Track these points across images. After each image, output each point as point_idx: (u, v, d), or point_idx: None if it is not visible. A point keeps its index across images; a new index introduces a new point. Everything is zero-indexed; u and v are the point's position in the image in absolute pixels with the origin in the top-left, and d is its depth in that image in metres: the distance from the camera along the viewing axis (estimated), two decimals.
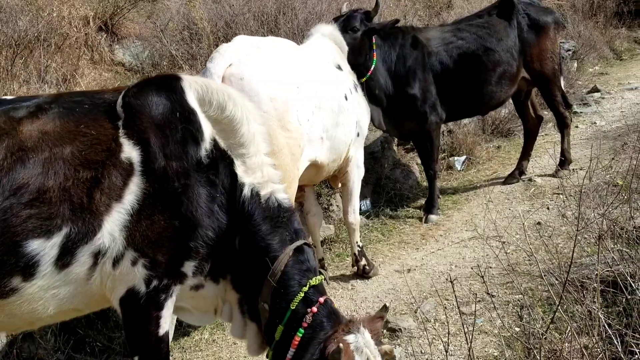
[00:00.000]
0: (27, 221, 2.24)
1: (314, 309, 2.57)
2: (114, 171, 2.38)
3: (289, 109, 3.68)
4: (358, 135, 4.59)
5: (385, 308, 2.72)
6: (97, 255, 2.35)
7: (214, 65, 3.51)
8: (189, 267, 2.51)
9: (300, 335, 2.55)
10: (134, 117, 2.46)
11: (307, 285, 2.60)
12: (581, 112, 9.01)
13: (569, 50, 10.79)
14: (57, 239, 2.28)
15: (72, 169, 2.33)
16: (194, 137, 2.51)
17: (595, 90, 10.06)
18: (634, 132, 3.96)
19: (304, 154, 3.88)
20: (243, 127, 2.61)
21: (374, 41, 5.49)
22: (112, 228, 2.35)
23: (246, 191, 2.59)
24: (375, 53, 5.55)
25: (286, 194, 2.77)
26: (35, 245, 2.25)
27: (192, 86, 2.58)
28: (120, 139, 2.43)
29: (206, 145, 2.53)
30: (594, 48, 12.20)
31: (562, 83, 6.79)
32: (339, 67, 4.57)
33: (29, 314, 2.41)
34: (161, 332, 2.51)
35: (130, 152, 2.41)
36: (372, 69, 5.51)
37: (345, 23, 5.20)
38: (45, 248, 2.27)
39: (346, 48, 4.84)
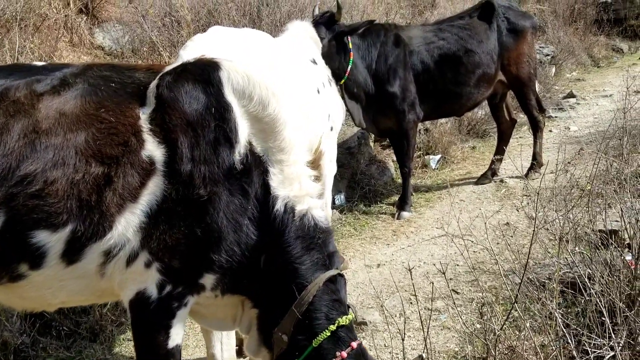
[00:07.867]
0: (33, 211, 2.08)
1: (344, 353, 2.31)
2: (130, 169, 2.15)
3: None
4: (331, 129, 4.63)
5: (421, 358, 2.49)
6: (108, 254, 2.18)
7: (186, 54, 3.52)
8: (208, 279, 2.29)
9: None
10: (165, 112, 2.21)
11: (336, 324, 2.32)
12: (556, 117, 9.18)
13: (548, 55, 10.97)
14: (62, 234, 2.12)
15: (84, 160, 2.12)
16: (228, 138, 2.23)
17: (571, 95, 10.26)
18: (603, 139, 4.08)
19: None
20: (286, 129, 2.32)
21: (349, 40, 5.52)
22: (125, 229, 2.15)
23: (279, 205, 2.30)
24: (351, 53, 5.57)
25: (324, 212, 2.48)
26: (41, 237, 2.11)
27: (230, 77, 2.29)
28: (143, 134, 2.19)
29: (240, 148, 2.25)
30: (572, 54, 12.41)
31: (537, 87, 6.92)
32: (314, 61, 4.60)
33: (39, 298, 2.33)
34: (171, 344, 2.30)
35: (153, 150, 2.18)
36: (348, 69, 5.55)
37: None
38: (50, 241, 2.12)
39: (321, 44, 4.87)
